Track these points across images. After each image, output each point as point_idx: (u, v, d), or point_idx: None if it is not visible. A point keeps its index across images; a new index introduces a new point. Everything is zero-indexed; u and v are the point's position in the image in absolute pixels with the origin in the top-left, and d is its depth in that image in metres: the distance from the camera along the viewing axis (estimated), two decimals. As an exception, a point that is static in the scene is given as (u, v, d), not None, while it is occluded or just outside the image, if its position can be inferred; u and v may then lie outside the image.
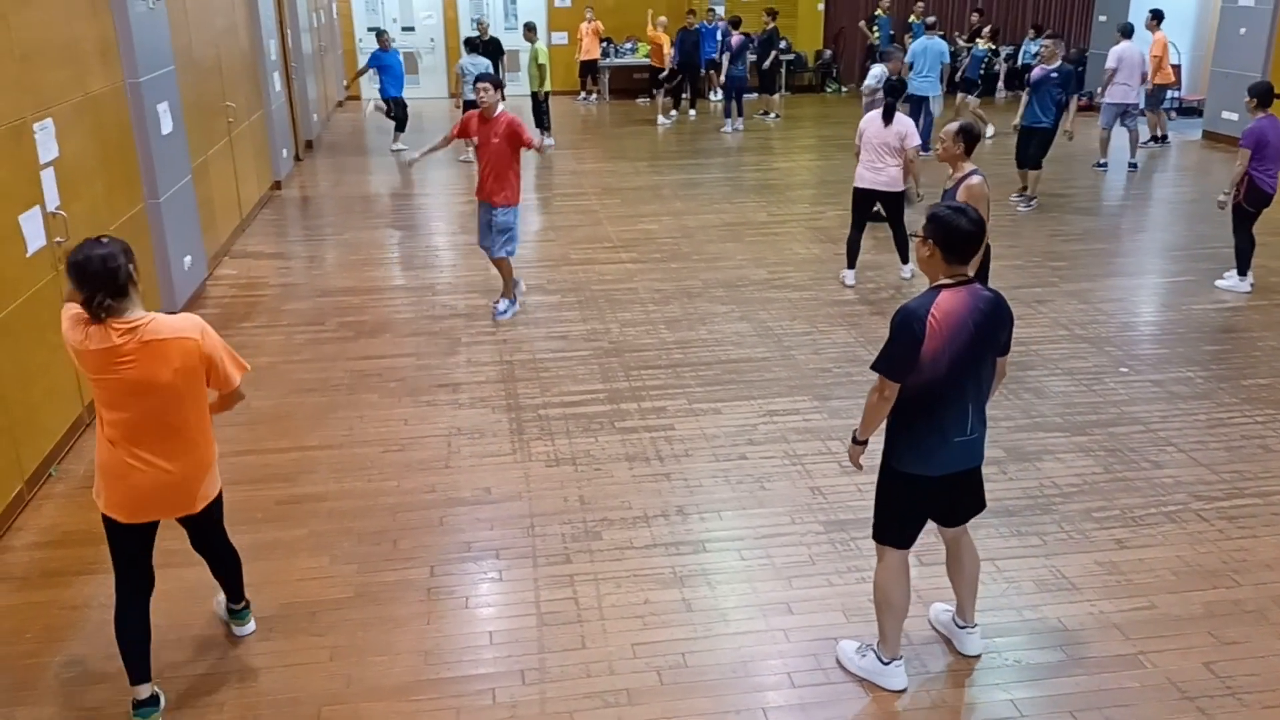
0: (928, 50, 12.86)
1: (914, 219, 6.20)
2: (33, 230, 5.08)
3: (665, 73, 16.78)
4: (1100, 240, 9.51)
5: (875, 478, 3.88)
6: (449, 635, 3.94)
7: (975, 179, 5.57)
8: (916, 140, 7.77)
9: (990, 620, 3.97)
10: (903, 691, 3.61)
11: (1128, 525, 4.67)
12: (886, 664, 3.64)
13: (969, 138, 5.66)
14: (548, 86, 14.13)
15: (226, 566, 3.82)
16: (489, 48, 14.04)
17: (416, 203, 11.65)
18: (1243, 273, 7.96)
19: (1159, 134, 14.04)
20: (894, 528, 3.56)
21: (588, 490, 5.01)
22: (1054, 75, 10.39)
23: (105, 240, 3.23)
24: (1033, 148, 10.60)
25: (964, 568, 3.75)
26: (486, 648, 3.86)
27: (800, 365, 6.48)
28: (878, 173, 7.80)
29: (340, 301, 7.85)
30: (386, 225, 10.39)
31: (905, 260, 8.16)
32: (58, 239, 5.33)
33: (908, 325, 3.29)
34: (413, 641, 3.89)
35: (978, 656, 3.78)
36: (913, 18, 18.52)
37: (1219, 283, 8.04)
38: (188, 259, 7.54)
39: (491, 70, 13.09)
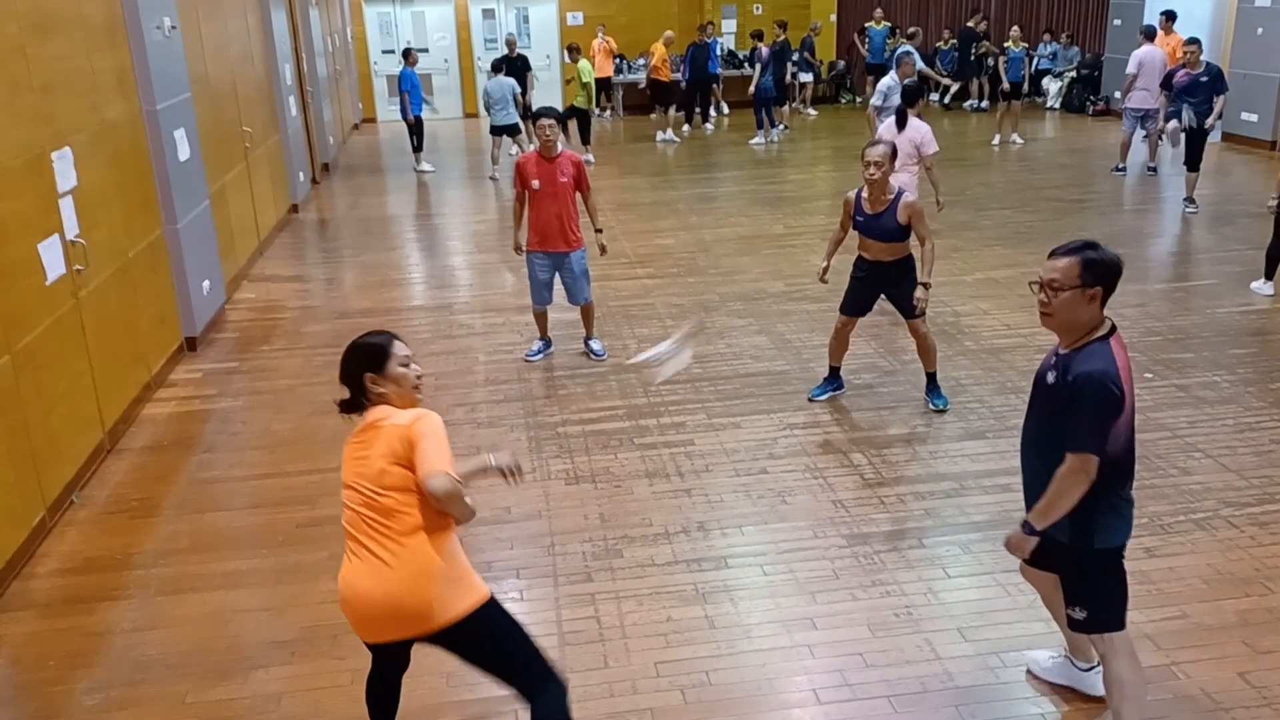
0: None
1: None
2: (52, 259, 5.12)
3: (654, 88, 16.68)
4: (1120, 245, 9.29)
5: (897, 490, 3.86)
6: (471, 656, 3.91)
7: (909, 196, 5.74)
8: (934, 147, 7.71)
9: (1019, 633, 3.92)
10: None
11: (1157, 533, 4.60)
12: None
13: (895, 156, 5.82)
14: (594, 105, 14.67)
15: None
16: (517, 66, 14.13)
17: (433, 223, 11.69)
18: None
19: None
20: (1125, 606, 3.23)
21: (608, 508, 4.98)
22: (1204, 79, 10.41)
23: (371, 335, 3.07)
24: (1192, 152, 10.58)
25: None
26: (509, 668, 3.83)
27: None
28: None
29: (359, 323, 7.86)
30: (403, 246, 10.44)
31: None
32: (77, 267, 5.37)
33: (1110, 390, 2.91)
34: (434, 663, 3.84)
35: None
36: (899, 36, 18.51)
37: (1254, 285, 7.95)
38: (206, 283, 7.58)
39: (519, 92, 13.25)
